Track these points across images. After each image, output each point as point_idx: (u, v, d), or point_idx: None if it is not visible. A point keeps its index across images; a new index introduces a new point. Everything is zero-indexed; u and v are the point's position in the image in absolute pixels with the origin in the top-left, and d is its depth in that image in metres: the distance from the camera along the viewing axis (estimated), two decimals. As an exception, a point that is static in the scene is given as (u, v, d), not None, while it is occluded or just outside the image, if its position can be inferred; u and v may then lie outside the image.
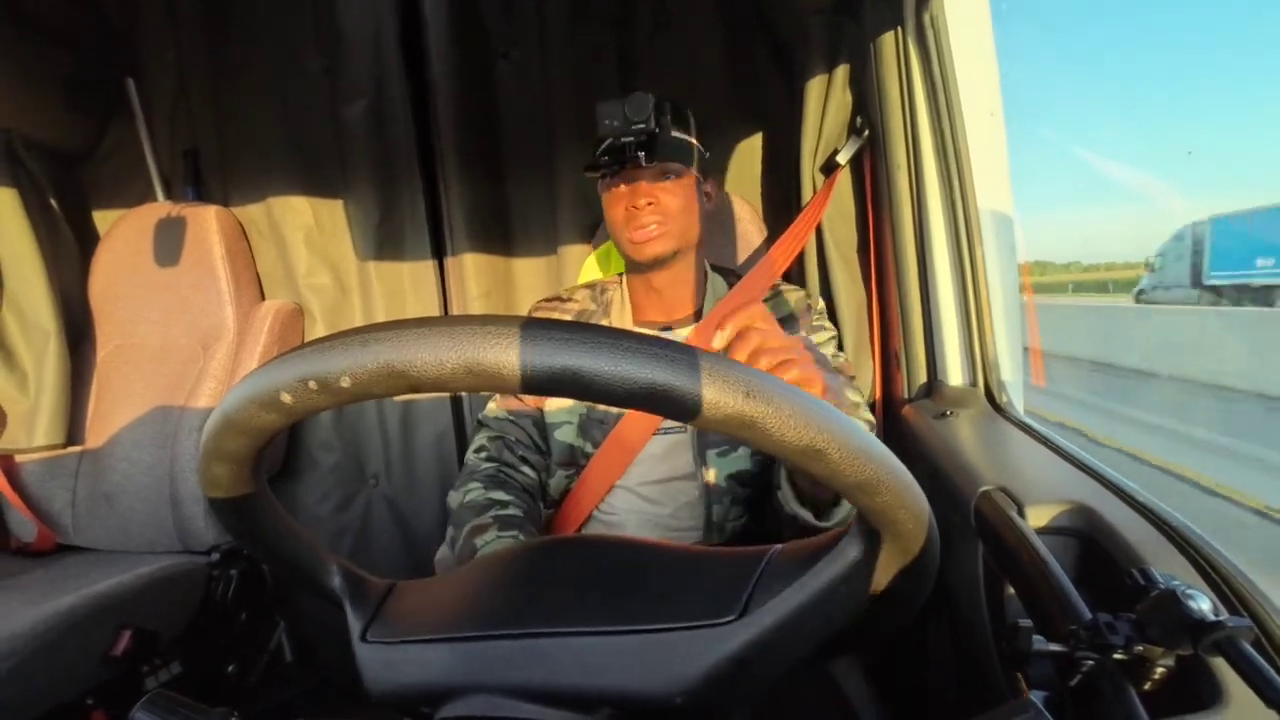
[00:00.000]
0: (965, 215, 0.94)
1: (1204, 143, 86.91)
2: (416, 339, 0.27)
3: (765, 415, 0.27)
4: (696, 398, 0.27)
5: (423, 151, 1.40)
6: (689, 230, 0.89)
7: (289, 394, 0.29)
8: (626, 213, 0.86)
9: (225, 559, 1.28)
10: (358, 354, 0.28)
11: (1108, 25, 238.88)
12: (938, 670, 0.86)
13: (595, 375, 0.26)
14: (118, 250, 1.40)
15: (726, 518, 0.87)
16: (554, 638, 0.39)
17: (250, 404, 0.31)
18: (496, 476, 0.89)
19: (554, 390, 0.27)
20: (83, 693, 1.04)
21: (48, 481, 1.35)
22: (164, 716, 0.39)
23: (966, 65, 0.92)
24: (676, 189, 0.87)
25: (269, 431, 0.32)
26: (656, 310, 0.94)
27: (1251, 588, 0.45)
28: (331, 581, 0.46)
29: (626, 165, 0.84)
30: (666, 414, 0.27)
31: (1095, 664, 0.38)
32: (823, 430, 0.28)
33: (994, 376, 0.95)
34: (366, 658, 0.42)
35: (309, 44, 1.37)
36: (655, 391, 0.27)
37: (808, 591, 0.36)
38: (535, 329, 0.27)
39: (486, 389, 0.28)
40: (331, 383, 0.28)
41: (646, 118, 0.81)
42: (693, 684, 0.36)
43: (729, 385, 0.27)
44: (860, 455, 0.29)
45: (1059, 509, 0.58)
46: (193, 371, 1.35)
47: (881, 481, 0.30)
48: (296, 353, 0.29)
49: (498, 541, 0.78)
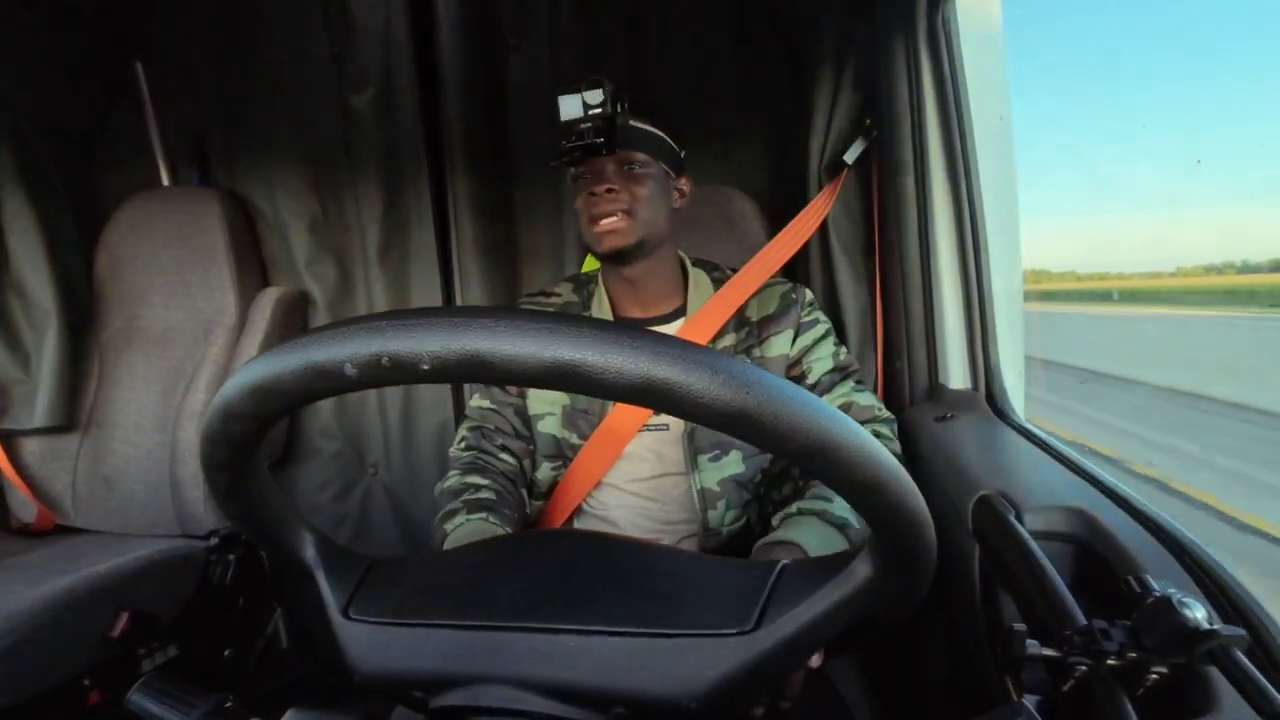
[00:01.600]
0: (971, 219, 0.94)
1: (1219, 151, 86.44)
2: (513, 332, 0.27)
3: (762, 415, 0.27)
4: (707, 397, 0.27)
5: (430, 142, 1.40)
6: (654, 223, 0.86)
7: (355, 366, 0.28)
8: (586, 200, 0.85)
9: (224, 543, 1.28)
10: (443, 337, 0.27)
11: (1117, 30, 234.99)
12: (933, 672, 0.86)
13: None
14: (122, 233, 1.40)
15: (723, 522, 0.87)
16: (575, 634, 0.38)
17: (309, 370, 0.29)
18: (474, 463, 0.89)
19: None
20: (79, 673, 1.05)
21: (48, 462, 1.35)
22: (160, 699, 0.40)
23: (976, 69, 0.92)
24: (639, 179, 0.85)
25: (319, 397, 0.31)
26: (633, 305, 0.93)
27: (1247, 598, 0.45)
28: (304, 551, 0.44)
29: (588, 152, 0.82)
30: (674, 412, 0.28)
31: (1089, 670, 0.38)
32: (827, 432, 0.29)
33: (995, 381, 0.95)
34: (351, 636, 0.41)
35: (319, 31, 1.37)
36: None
37: (819, 609, 0.37)
38: (631, 335, 0.27)
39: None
40: (411, 362, 0.27)
41: (602, 103, 0.79)
42: (707, 691, 0.37)
43: (734, 386, 0.27)
44: (863, 458, 0.30)
45: (1057, 514, 0.58)
46: (195, 356, 1.35)
47: (880, 481, 0.31)
48: (382, 322, 0.28)
49: (468, 524, 0.77)
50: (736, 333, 0.90)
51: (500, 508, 0.82)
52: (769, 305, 0.91)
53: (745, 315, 0.91)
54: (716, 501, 0.86)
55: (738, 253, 1.22)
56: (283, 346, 0.30)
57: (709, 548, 0.88)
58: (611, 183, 0.83)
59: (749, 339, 0.90)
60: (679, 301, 0.93)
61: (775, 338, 0.89)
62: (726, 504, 0.86)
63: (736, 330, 0.91)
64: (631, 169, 0.85)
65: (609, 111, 0.80)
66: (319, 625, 0.43)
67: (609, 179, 0.83)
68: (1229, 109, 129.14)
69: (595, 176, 0.84)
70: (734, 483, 0.87)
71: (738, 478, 0.87)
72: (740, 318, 0.91)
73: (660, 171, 0.87)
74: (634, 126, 0.84)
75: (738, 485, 0.87)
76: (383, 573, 0.45)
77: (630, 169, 0.84)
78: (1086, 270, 25.59)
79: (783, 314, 0.90)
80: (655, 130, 0.87)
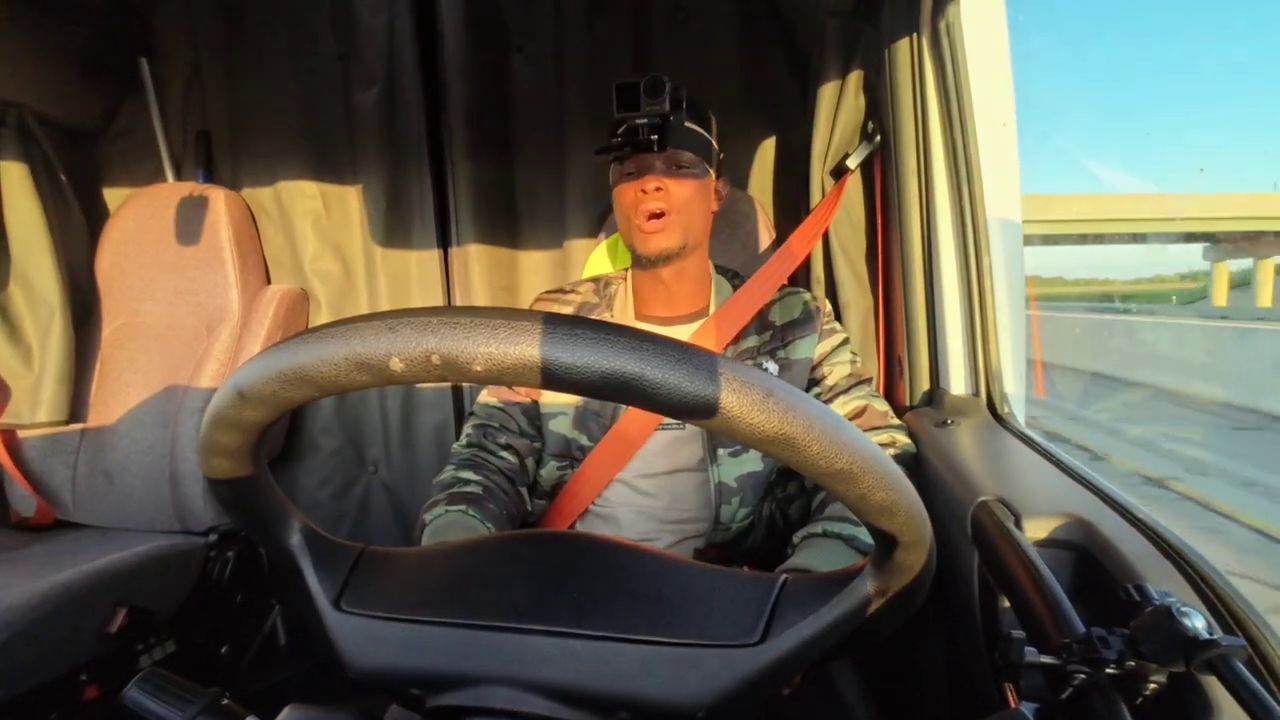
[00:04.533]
0: (974, 225, 0.94)
1: (1220, 157, 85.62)
2: (566, 338, 0.27)
3: (808, 440, 0.28)
4: (744, 415, 0.27)
5: (433, 141, 1.40)
6: (697, 226, 0.88)
7: (402, 361, 0.27)
8: (635, 198, 0.85)
9: (223, 540, 1.29)
10: (496, 339, 0.27)
11: (1122, 38, 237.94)
12: (931, 678, 0.86)
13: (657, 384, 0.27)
14: (126, 228, 1.40)
15: (734, 518, 0.87)
16: (584, 639, 0.38)
17: (350, 360, 0.28)
18: (471, 460, 0.89)
19: (611, 396, 0.28)
20: (77, 668, 1.05)
21: (49, 457, 1.35)
22: (157, 695, 0.40)
23: (981, 74, 0.92)
24: (688, 181, 0.86)
25: (356, 388, 0.30)
26: (661, 305, 0.94)
27: (1247, 607, 0.45)
28: (289, 538, 0.42)
29: (639, 149, 0.83)
30: (714, 429, 0.28)
31: (1087, 677, 0.38)
32: (855, 456, 0.29)
33: (996, 387, 0.94)
34: (344, 629, 0.41)
35: (324, 30, 1.37)
36: (707, 404, 0.27)
37: (823, 623, 0.38)
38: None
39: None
40: (463, 364, 0.27)
41: (662, 101, 0.80)
42: (714, 700, 0.37)
43: (773, 407, 0.28)
44: (888, 484, 0.31)
45: (1057, 522, 0.58)
46: (196, 352, 1.35)
47: (898, 505, 0.32)
48: (414, 318, 0.28)
49: (445, 515, 0.77)
50: (760, 335, 0.92)
51: (484, 502, 0.81)
52: (793, 311, 0.93)
53: (769, 319, 0.93)
54: (732, 498, 0.87)
55: (742, 253, 1.22)
56: (312, 334, 0.29)
57: (716, 543, 0.88)
58: (659, 179, 0.84)
59: (773, 341, 0.91)
60: (703, 303, 0.95)
61: (800, 341, 0.91)
62: (741, 501, 0.87)
63: (759, 333, 0.92)
64: (679, 169, 0.86)
65: (666, 110, 0.81)
66: (309, 617, 0.42)
67: (657, 175, 0.84)
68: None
69: (643, 172, 0.85)
70: (750, 479, 0.87)
71: (755, 474, 0.87)
72: (763, 321, 0.93)
73: (704, 172, 0.88)
74: (686, 127, 0.85)
75: (754, 482, 0.88)
76: (374, 564, 0.44)
77: (678, 169, 0.86)
78: (1073, 277, 26.67)
79: (806, 320, 0.92)
80: (703, 132, 0.88)
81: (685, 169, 0.86)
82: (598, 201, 1.38)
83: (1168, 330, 10.14)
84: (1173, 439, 5.92)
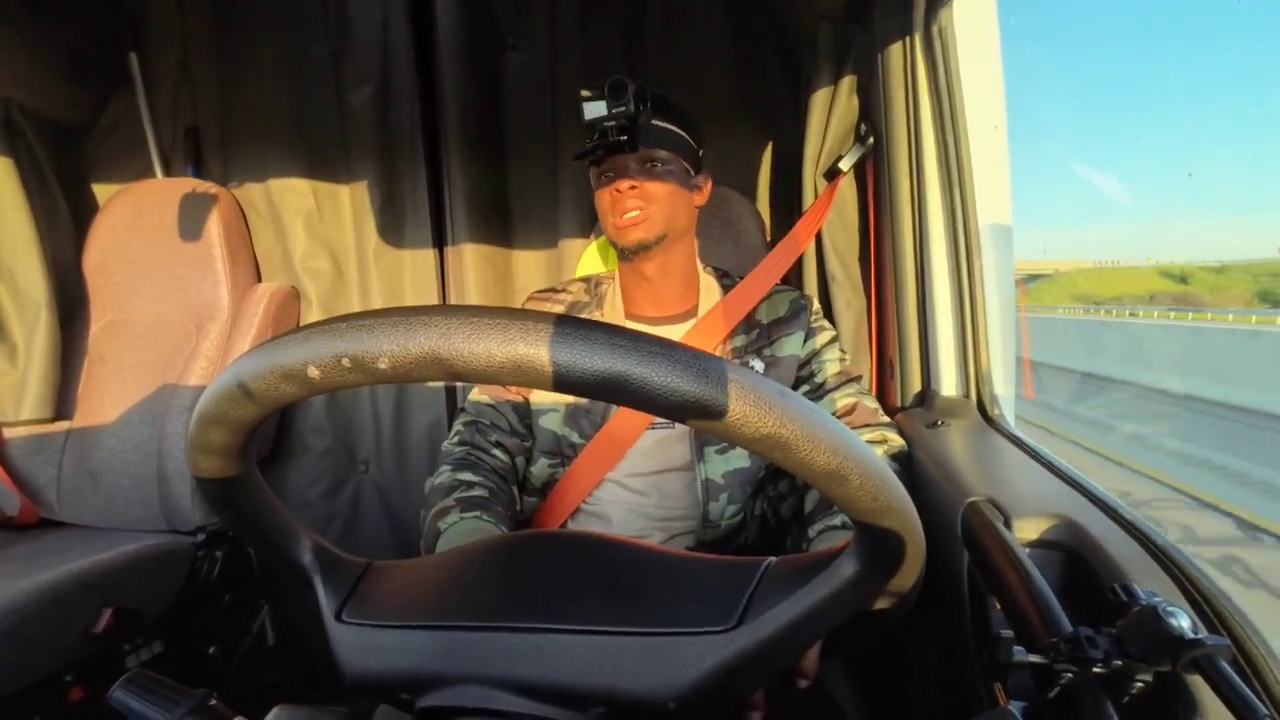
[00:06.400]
0: (965, 227, 0.94)
1: (1209, 163, 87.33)
2: (469, 330, 0.27)
3: (799, 440, 0.28)
4: (734, 415, 0.27)
5: (427, 140, 1.39)
6: (675, 218, 0.89)
7: (318, 368, 0.28)
8: (611, 197, 0.87)
9: (211, 540, 1.27)
10: (400, 336, 0.27)
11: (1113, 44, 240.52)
12: (921, 677, 0.86)
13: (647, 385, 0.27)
14: (114, 225, 1.38)
15: (723, 515, 0.88)
16: (551, 634, 0.38)
17: (271, 373, 0.29)
18: (466, 459, 0.89)
19: (600, 394, 0.28)
20: (61, 669, 1.04)
21: (34, 455, 1.34)
22: (143, 696, 0.39)
23: (973, 78, 0.93)
24: (661, 175, 0.87)
25: (284, 403, 0.31)
26: (648, 303, 0.95)
27: (1231, 607, 0.45)
28: (301, 556, 0.44)
29: (611, 151, 0.85)
30: (702, 429, 0.28)
31: (1074, 677, 0.38)
32: (845, 456, 0.30)
33: (986, 388, 0.95)
34: (342, 638, 0.41)
35: (317, 26, 1.37)
36: (696, 406, 0.27)
37: (802, 606, 0.37)
38: (574, 328, 0.27)
39: (529, 385, 0.28)
40: (369, 362, 0.27)
41: (625, 102, 0.82)
42: (687, 689, 0.36)
43: (765, 407, 0.28)
44: (880, 487, 0.31)
45: (1045, 523, 0.59)
46: (185, 350, 1.34)
47: (889, 505, 0.32)
48: (332, 326, 0.28)
49: (461, 523, 0.77)
50: (747, 334, 0.93)
51: (493, 505, 0.82)
52: (779, 309, 0.94)
53: (755, 318, 0.94)
54: (719, 494, 0.87)
55: (735, 253, 1.22)
56: (304, 333, 0.29)
57: (706, 540, 0.88)
58: (634, 179, 0.86)
59: (759, 340, 0.92)
60: (691, 303, 0.95)
61: (786, 339, 0.92)
62: (729, 498, 0.87)
63: (746, 332, 0.93)
64: (653, 166, 0.87)
65: (632, 110, 0.82)
66: (312, 629, 0.43)
67: (631, 176, 0.86)
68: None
69: (618, 173, 0.87)
70: (738, 476, 0.88)
71: (742, 470, 0.88)
72: (750, 320, 0.94)
73: (681, 169, 0.89)
74: (656, 125, 0.87)
75: (741, 479, 0.88)
76: (377, 577, 0.45)
77: (652, 166, 0.87)
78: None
79: (793, 318, 0.93)
80: (676, 129, 0.89)
81: (660, 166, 0.87)
82: (590, 202, 1.37)
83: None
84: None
